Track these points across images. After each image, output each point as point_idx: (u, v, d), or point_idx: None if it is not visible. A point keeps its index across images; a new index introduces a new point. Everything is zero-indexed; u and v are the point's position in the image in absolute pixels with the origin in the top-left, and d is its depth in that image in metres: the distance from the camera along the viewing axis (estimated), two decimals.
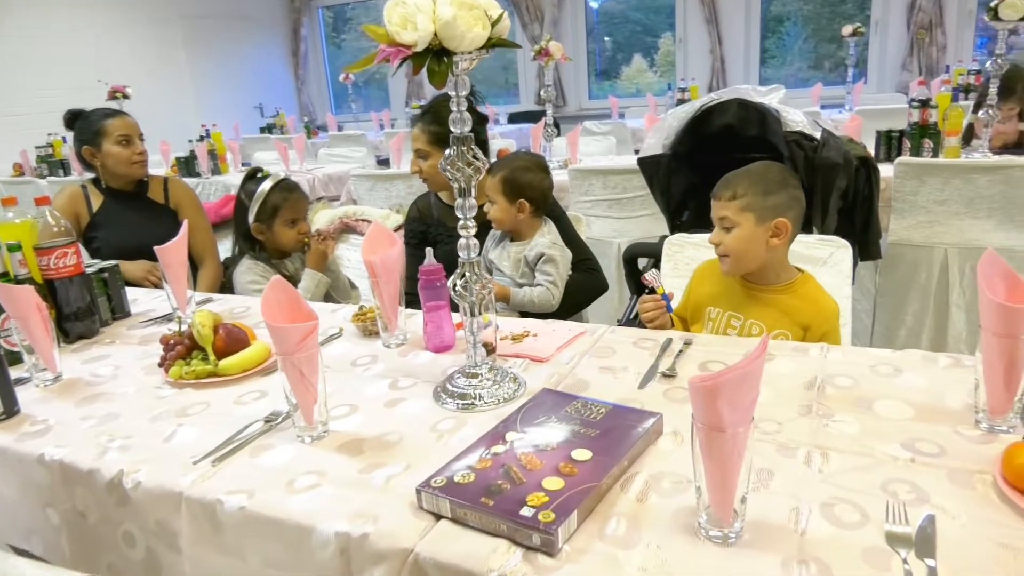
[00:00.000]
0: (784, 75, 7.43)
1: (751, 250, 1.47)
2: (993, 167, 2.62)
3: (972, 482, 0.89)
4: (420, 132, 2.06)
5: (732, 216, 1.47)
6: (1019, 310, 0.94)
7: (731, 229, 1.47)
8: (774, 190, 1.46)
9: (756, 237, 1.46)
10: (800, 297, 1.50)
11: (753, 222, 1.45)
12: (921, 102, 3.00)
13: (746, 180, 1.48)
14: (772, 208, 1.45)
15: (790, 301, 1.50)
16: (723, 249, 1.49)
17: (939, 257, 2.79)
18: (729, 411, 0.76)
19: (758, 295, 1.52)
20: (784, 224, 1.45)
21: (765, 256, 1.48)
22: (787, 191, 1.47)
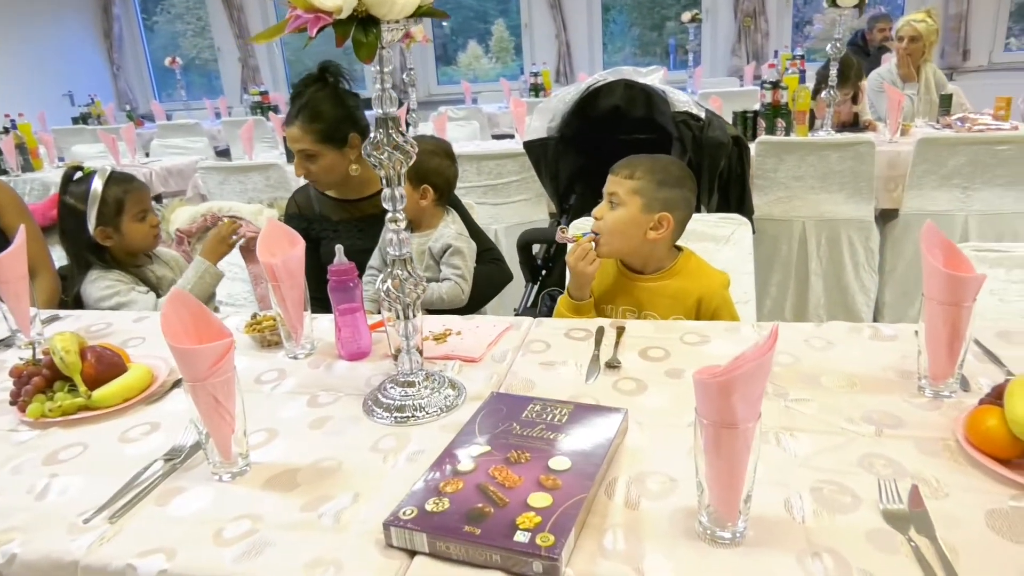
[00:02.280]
0: (617, 60, 7.69)
1: (628, 233, 1.45)
2: (843, 144, 2.81)
3: (938, 450, 0.90)
4: (301, 132, 1.81)
5: (622, 194, 1.44)
6: (961, 278, 0.97)
7: (616, 207, 1.45)
8: (670, 185, 1.45)
9: (637, 223, 1.44)
10: (686, 277, 1.50)
11: (639, 207, 1.44)
12: (772, 84, 3.17)
13: (647, 166, 1.46)
14: (661, 201, 1.44)
15: (678, 284, 1.49)
16: (602, 225, 1.46)
17: (798, 230, 2.97)
18: (743, 407, 0.71)
19: (646, 285, 1.51)
20: (667, 219, 1.44)
21: (639, 245, 1.46)
22: (682, 191, 1.47)
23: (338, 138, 1.82)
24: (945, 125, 3.20)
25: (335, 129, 1.81)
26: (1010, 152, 2.69)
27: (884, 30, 5.58)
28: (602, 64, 7.35)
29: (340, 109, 1.82)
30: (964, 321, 0.99)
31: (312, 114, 1.81)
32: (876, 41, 5.63)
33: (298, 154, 1.85)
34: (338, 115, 1.82)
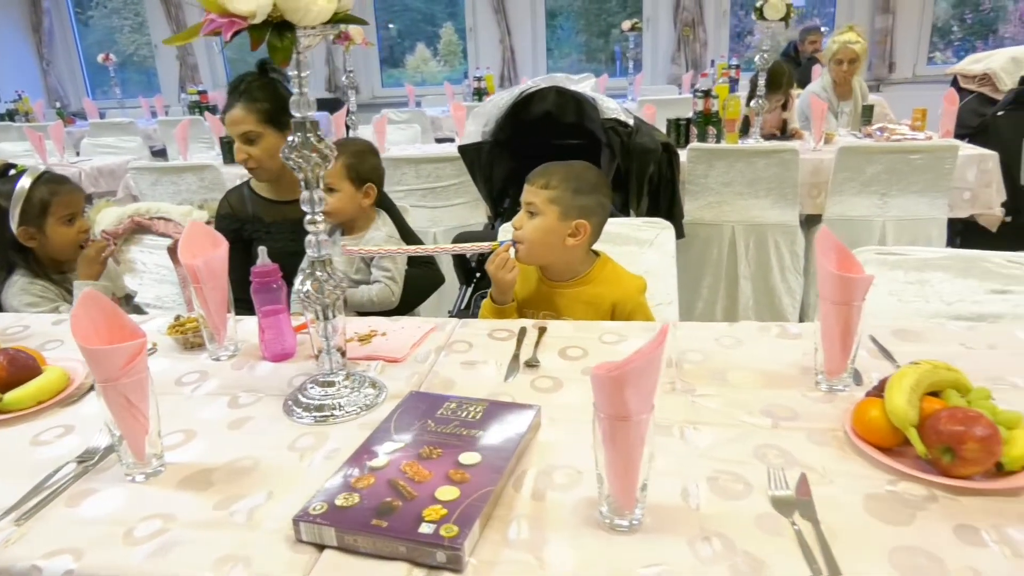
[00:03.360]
0: (563, 66, 7.79)
1: (547, 242, 1.48)
2: (769, 151, 2.92)
3: (827, 440, 0.96)
4: (244, 112, 1.81)
5: (539, 204, 1.47)
6: (851, 279, 1.03)
7: (534, 216, 1.48)
8: (586, 191, 1.49)
9: (556, 231, 1.48)
10: (601, 283, 1.54)
11: (557, 216, 1.47)
12: (704, 92, 3.27)
13: (562, 174, 1.50)
14: (578, 208, 1.47)
15: (594, 289, 1.53)
16: (522, 235, 1.49)
17: (728, 234, 3.07)
18: (635, 400, 0.75)
19: (563, 291, 1.54)
20: (584, 226, 1.48)
21: (559, 252, 1.50)
22: (597, 196, 1.51)
23: (281, 121, 1.84)
24: (866, 135, 3.35)
25: (278, 111, 1.83)
26: (923, 161, 2.84)
27: (815, 42, 5.80)
28: (546, 69, 7.42)
29: (281, 96, 1.84)
30: (855, 319, 1.05)
31: (254, 96, 1.83)
32: (807, 52, 5.85)
33: (239, 138, 1.85)
34: (280, 99, 1.84)
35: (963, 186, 2.99)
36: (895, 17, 6.60)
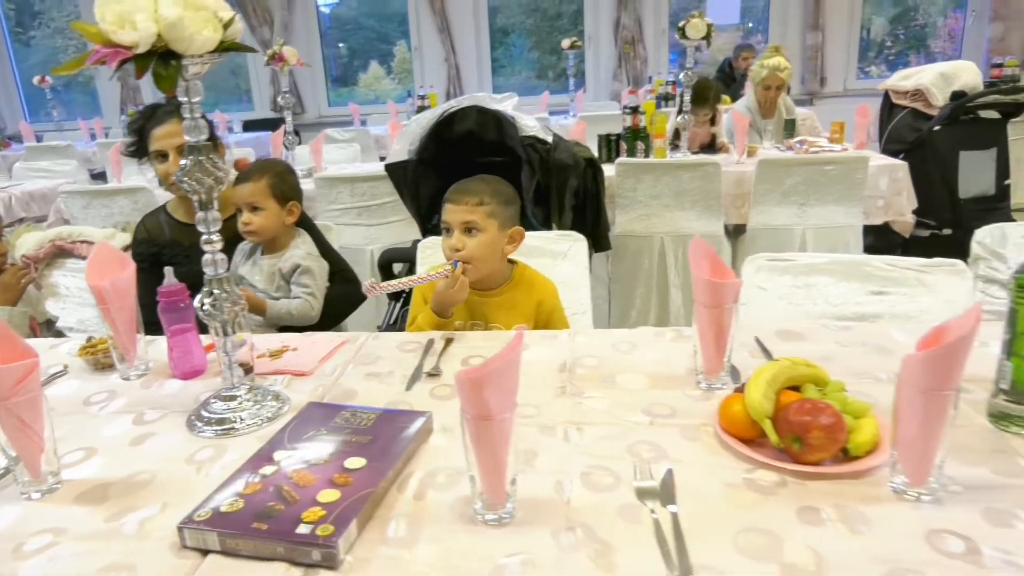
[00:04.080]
0: (514, 83, 7.91)
1: (491, 254, 1.55)
2: (693, 164, 3.03)
3: (698, 435, 1.03)
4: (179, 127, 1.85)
5: (479, 220, 1.52)
6: (720, 284, 1.11)
7: (476, 233, 1.53)
8: (511, 202, 1.58)
9: (497, 242, 1.55)
10: (524, 287, 1.61)
11: (497, 228, 1.54)
12: (632, 109, 3.38)
13: (490, 189, 1.57)
14: (511, 218, 1.57)
15: (516, 295, 1.60)
16: (468, 254, 1.52)
17: (657, 245, 3.17)
18: (495, 400, 0.80)
19: (489, 299, 1.60)
20: (520, 233, 1.57)
21: (498, 263, 1.57)
22: (516, 206, 1.60)
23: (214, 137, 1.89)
24: (788, 147, 3.49)
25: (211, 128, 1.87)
26: (836, 171, 2.97)
27: (748, 58, 6.01)
28: (492, 86, 7.52)
29: None
30: (726, 321, 1.13)
31: None
32: (741, 68, 6.06)
33: (174, 151, 1.88)
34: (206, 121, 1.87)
35: (876, 194, 3.14)
36: (824, 34, 6.87)
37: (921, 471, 0.86)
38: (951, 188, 3.53)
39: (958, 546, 0.78)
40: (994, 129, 3.65)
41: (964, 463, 0.94)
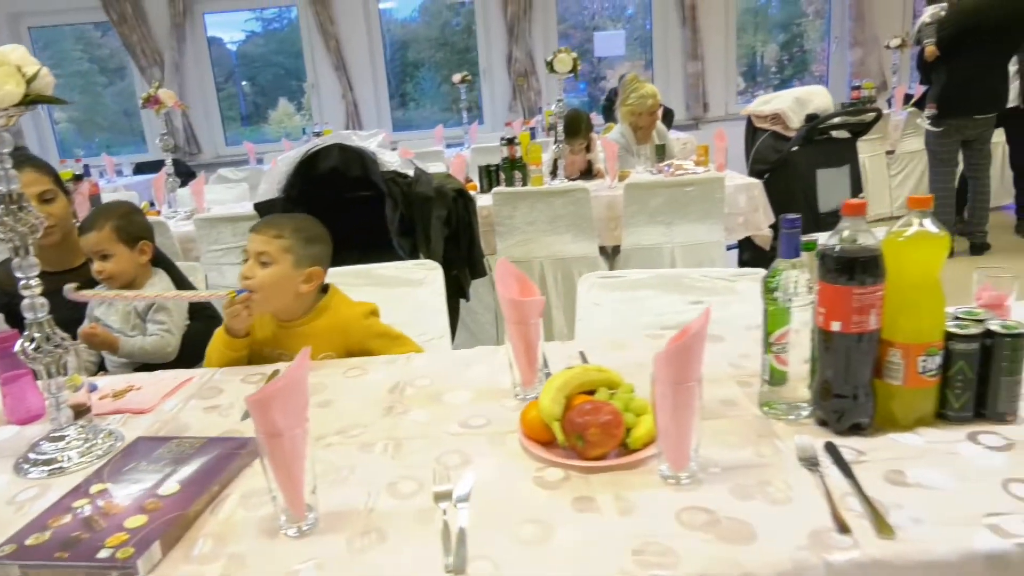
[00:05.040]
0: (424, 115, 8.03)
1: (281, 289, 1.56)
2: (564, 191, 3.19)
3: (504, 441, 1.12)
4: (37, 174, 1.89)
5: (274, 253, 1.54)
6: (524, 302, 1.22)
7: (268, 265, 1.54)
8: (315, 242, 1.61)
9: (290, 278, 1.56)
10: (327, 318, 1.62)
11: (291, 264, 1.56)
12: (508, 140, 3.52)
13: (293, 225, 1.60)
14: (310, 257, 1.58)
15: (319, 325, 1.62)
16: (255, 283, 1.54)
17: (537, 268, 3.30)
18: (283, 418, 0.87)
19: (296, 330, 1.62)
20: (319, 273, 1.60)
21: (292, 298, 1.59)
22: (322, 247, 1.63)
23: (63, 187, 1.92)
24: (658, 171, 3.70)
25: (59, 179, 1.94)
26: (697, 192, 3.19)
27: None
28: (391, 121, 7.61)
29: None
30: (534, 336, 1.23)
31: (41, 162, 1.95)
32: None
33: (35, 198, 1.88)
34: None
35: (736, 212, 3.37)
36: (704, 63, 7.29)
37: (680, 457, 0.97)
38: (811, 203, 3.82)
39: (701, 519, 0.90)
40: (846, 148, 3.99)
41: (731, 447, 1.06)
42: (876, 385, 1.07)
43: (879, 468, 0.97)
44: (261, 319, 1.62)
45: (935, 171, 4.57)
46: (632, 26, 7.72)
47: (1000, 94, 4.37)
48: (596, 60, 7.82)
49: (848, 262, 1.01)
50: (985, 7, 4.11)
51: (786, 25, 7.96)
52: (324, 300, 1.65)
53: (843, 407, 1.06)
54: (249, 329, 1.60)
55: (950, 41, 4.17)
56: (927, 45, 4.29)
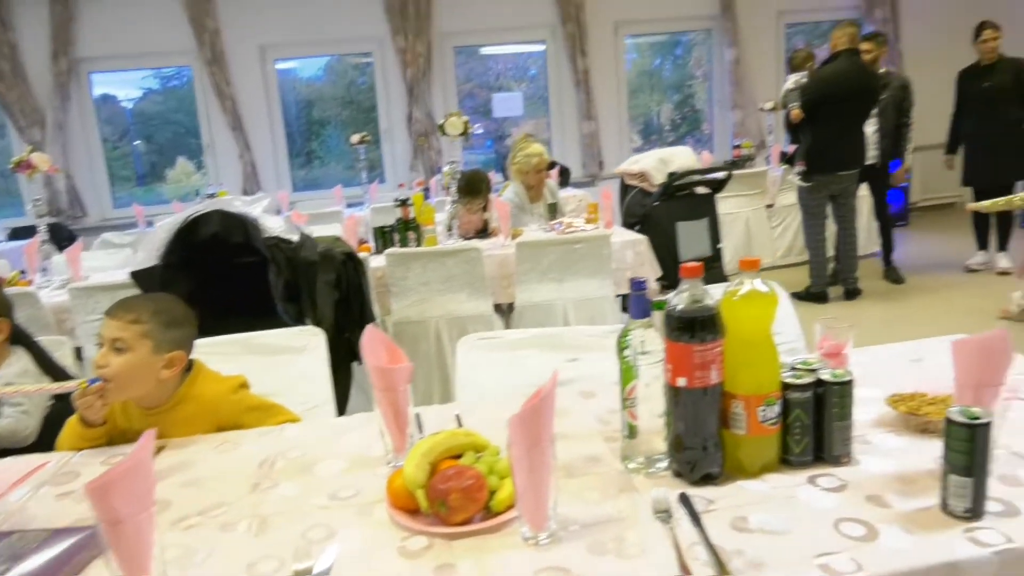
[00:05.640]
0: (329, 173, 7.97)
1: (139, 377, 1.48)
2: (456, 251, 3.24)
3: (372, 511, 1.12)
4: None
5: (130, 339, 1.46)
6: (391, 369, 1.23)
7: (123, 351, 1.46)
8: (177, 324, 1.54)
9: (148, 365, 1.48)
10: (192, 400, 1.56)
11: (150, 350, 1.48)
12: (402, 201, 3.56)
13: (152, 308, 1.52)
14: (171, 341, 1.51)
15: (186, 408, 1.55)
16: (110, 372, 1.44)
17: (433, 328, 3.31)
18: (125, 504, 0.84)
19: (158, 416, 1.53)
20: (181, 357, 1.53)
21: (152, 385, 1.50)
22: (184, 329, 1.56)
23: None
24: (550, 229, 3.82)
25: None
26: (585, 249, 3.30)
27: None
28: (291, 181, 7.54)
29: None
30: (403, 402, 1.24)
31: None
32: None
33: None
34: None
35: (624, 266, 3.51)
36: (598, 123, 7.62)
37: (539, 517, 1.00)
38: (673, 253, 4.05)
39: None
40: (705, 202, 4.27)
41: (592, 504, 1.10)
42: (724, 435, 1.13)
43: (726, 516, 1.02)
44: (124, 403, 1.55)
45: (807, 224, 4.91)
46: (536, 86, 8.00)
47: (859, 152, 4.77)
48: (502, 119, 8.04)
49: (688, 321, 1.08)
50: (838, 78, 4.52)
51: (678, 86, 8.45)
52: (188, 380, 1.57)
53: (694, 458, 1.12)
54: (106, 417, 1.50)
55: (812, 106, 4.55)
56: (792, 109, 4.66)
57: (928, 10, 7.77)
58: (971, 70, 5.20)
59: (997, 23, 5.03)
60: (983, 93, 5.09)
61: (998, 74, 5.03)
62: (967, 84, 5.22)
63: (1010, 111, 5.06)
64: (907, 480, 1.08)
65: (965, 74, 5.25)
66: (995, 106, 5.06)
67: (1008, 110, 5.06)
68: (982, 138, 5.14)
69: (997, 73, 5.03)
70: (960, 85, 5.28)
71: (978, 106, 5.15)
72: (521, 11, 7.38)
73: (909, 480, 1.08)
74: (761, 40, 7.71)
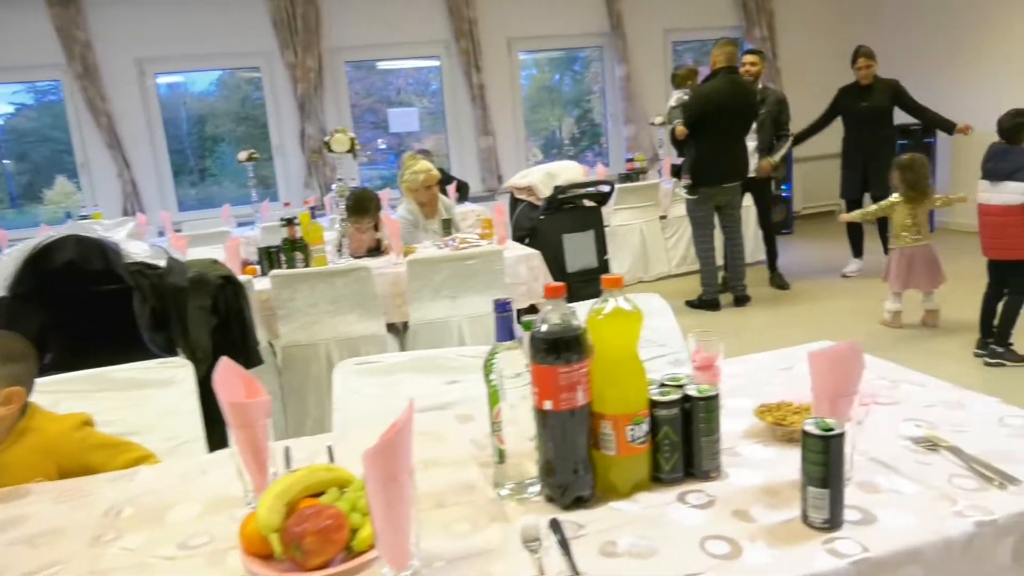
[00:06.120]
0: (224, 191, 7.63)
1: None
2: (345, 271, 3.14)
3: (225, 559, 1.04)
4: None
5: None
6: (249, 404, 1.15)
7: None
8: (13, 359, 1.44)
9: None
10: (35, 436, 1.46)
11: None
12: (287, 220, 3.43)
13: None
14: (6, 377, 1.41)
15: (28, 446, 1.44)
16: None
17: (323, 351, 3.19)
18: None
19: None
20: (19, 393, 1.42)
21: None
22: (22, 364, 1.46)
23: None
24: (444, 245, 3.77)
25: None
26: (478, 264, 3.28)
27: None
28: (176, 200, 7.19)
29: None
30: (262, 437, 1.16)
31: None
32: None
33: None
34: None
35: (519, 281, 3.51)
36: (495, 138, 7.65)
37: (400, 555, 0.94)
38: (560, 264, 4.10)
39: None
40: (591, 214, 4.35)
41: (460, 536, 1.05)
42: (595, 456, 1.11)
43: (596, 541, 1.00)
44: None
45: (696, 234, 5.07)
46: (437, 101, 7.95)
47: (741, 166, 4.98)
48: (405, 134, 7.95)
49: (553, 343, 1.05)
50: (718, 95, 4.71)
51: (578, 101, 8.60)
52: (23, 421, 1.45)
53: (565, 482, 1.09)
54: None
55: (694, 122, 4.71)
56: (676, 125, 4.81)
57: (803, 29, 8.25)
58: (850, 89, 5.51)
59: (870, 51, 5.34)
60: (860, 112, 5.41)
61: (875, 95, 5.36)
62: (846, 102, 5.53)
63: (884, 129, 5.42)
64: (772, 492, 1.09)
65: (844, 92, 5.55)
66: (870, 124, 5.39)
67: (882, 128, 5.41)
68: (857, 153, 5.45)
69: (875, 94, 5.36)
70: (838, 101, 5.59)
71: (855, 123, 5.48)
72: (415, 27, 7.34)
73: (774, 492, 1.09)
74: (650, 57, 7.96)
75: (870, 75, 5.33)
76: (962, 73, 6.82)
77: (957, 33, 6.97)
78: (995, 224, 3.60)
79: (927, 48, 7.20)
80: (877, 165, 5.20)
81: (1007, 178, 3.48)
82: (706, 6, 8.04)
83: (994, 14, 6.66)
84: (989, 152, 3.61)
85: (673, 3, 7.95)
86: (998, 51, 6.63)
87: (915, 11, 7.43)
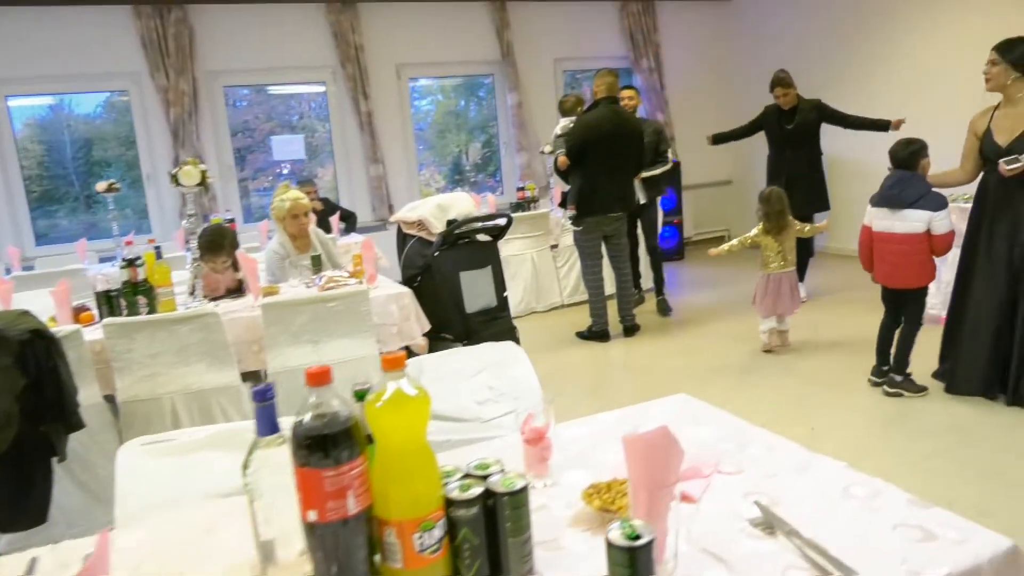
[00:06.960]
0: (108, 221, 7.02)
1: None
2: (190, 317, 2.85)
3: None
4: None
5: None
6: None
7: None
8: None
9: None
10: None
11: None
12: (129, 261, 3.11)
13: None
14: None
15: None
16: None
17: (168, 406, 2.88)
18: None
19: None
20: None
21: None
22: None
23: None
24: (311, 284, 3.52)
25: None
26: (341, 306, 3.05)
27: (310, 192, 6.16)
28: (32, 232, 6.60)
29: None
30: None
31: None
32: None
33: None
34: None
35: (390, 322, 3.30)
36: (385, 166, 7.42)
37: None
38: (458, 304, 3.90)
39: None
40: (487, 250, 4.17)
41: None
42: (383, 571, 0.93)
43: None
44: None
45: (584, 264, 5.00)
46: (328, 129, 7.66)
47: (626, 196, 4.95)
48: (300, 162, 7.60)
49: (317, 440, 0.87)
50: (599, 124, 4.67)
51: (484, 127, 8.48)
52: None
53: None
54: None
55: (576, 152, 4.65)
56: (559, 155, 4.74)
57: (687, 61, 8.46)
58: (774, 110, 5.44)
59: (786, 78, 5.29)
60: (786, 134, 5.37)
61: (801, 114, 5.30)
62: (770, 123, 5.47)
63: (811, 148, 5.39)
64: None
65: (769, 112, 5.48)
66: (797, 144, 5.34)
67: (809, 147, 5.38)
68: (780, 175, 5.34)
69: (800, 113, 5.31)
70: (762, 120, 5.54)
71: (779, 145, 5.45)
72: (299, 51, 7.06)
73: None
74: (540, 85, 7.96)
75: (789, 101, 5.29)
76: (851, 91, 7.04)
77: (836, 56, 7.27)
78: (895, 252, 3.48)
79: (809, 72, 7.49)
80: (803, 185, 5.21)
81: (910, 206, 3.37)
82: (595, 36, 8.14)
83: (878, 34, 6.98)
84: (890, 180, 3.48)
85: (563, 33, 8.00)
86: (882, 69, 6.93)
87: (796, 37, 7.73)
